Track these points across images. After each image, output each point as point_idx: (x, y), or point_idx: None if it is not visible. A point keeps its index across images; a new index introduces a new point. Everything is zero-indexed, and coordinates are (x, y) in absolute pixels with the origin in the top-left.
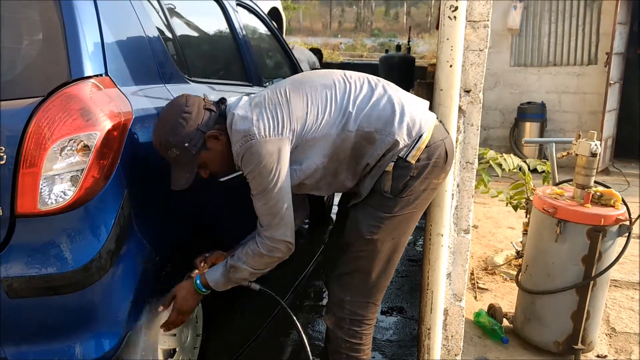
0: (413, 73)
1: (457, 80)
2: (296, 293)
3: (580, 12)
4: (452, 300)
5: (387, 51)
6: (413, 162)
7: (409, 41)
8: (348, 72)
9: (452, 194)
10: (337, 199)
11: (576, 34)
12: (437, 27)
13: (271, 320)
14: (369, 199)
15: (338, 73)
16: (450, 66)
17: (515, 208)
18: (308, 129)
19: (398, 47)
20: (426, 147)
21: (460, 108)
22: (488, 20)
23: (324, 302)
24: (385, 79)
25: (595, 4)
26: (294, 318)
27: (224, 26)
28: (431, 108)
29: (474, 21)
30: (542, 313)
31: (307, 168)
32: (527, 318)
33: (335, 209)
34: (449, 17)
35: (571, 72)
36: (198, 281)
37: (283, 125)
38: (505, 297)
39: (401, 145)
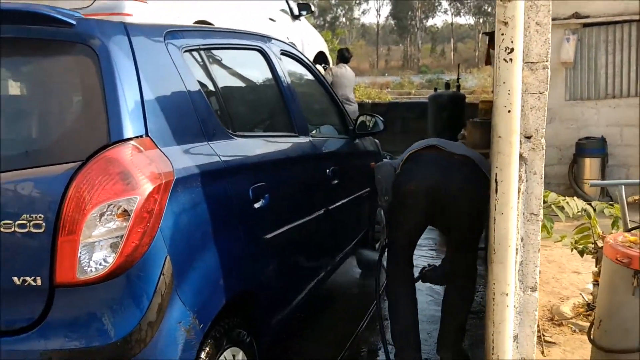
0: (463, 111)
1: (516, 126)
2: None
3: None
4: None
5: (435, 89)
6: None
7: (458, 78)
8: None
9: (517, 249)
10: None
11: (636, 64)
12: (486, 63)
13: None
14: None
15: None
16: (509, 111)
17: (582, 253)
18: None
19: (447, 85)
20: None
21: (521, 155)
22: (547, 61)
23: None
24: (434, 118)
25: None
26: None
27: (268, 76)
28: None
29: (531, 62)
30: None
31: None
32: None
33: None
34: (504, 59)
35: (632, 103)
36: None
37: None
38: (576, 351)
39: None
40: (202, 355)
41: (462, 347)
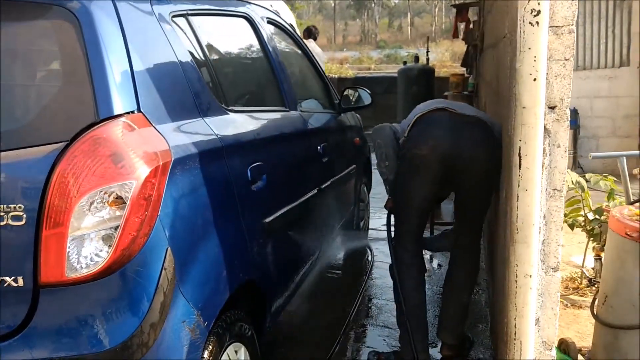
0: (433, 85)
1: (541, 95)
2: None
3: (610, 13)
4: (541, 349)
5: (405, 63)
6: None
7: (427, 51)
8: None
9: (539, 228)
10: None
11: (605, 36)
12: (454, 36)
13: None
14: None
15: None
16: (534, 80)
17: (572, 227)
18: None
19: (416, 58)
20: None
21: (544, 127)
22: (573, 25)
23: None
24: (405, 91)
25: (624, 4)
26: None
27: (256, 46)
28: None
29: (556, 26)
30: (628, 350)
31: None
32: (609, 356)
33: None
34: (530, 23)
35: (602, 75)
36: None
37: None
38: (571, 326)
39: None
40: (206, 354)
41: (464, 329)
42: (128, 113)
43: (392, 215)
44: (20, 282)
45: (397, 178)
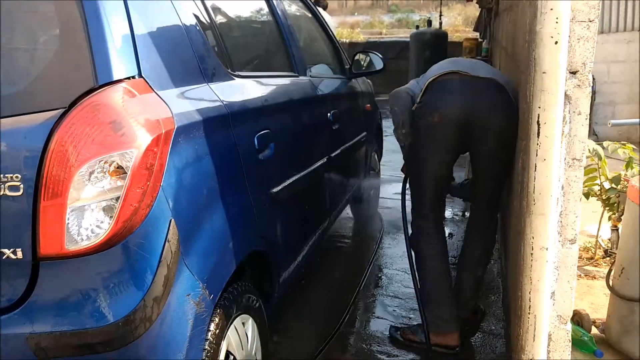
0: (446, 49)
1: (562, 59)
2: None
3: None
4: (556, 324)
5: (417, 27)
6: None
7: (440, 15)
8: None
9: (557, 199)
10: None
11: None
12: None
13: None
14: None
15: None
16: (556, 43)
17: (587, 196)
18: None
19: (429, 22)
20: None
21: (565, 93)
22: None
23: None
24: (417, 56)
25: None
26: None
27: (264, 8)
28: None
29: None
30: None
31: None
32: (625, 329)
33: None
34: None
35: (620, 39)
36: None
37: None
38: (584, 297)
39: None
40: (212, 327)
41: (477, 303)
42: (128, 78)
43: (408, 180)
44: (19, 254)
45: (412, 147)
